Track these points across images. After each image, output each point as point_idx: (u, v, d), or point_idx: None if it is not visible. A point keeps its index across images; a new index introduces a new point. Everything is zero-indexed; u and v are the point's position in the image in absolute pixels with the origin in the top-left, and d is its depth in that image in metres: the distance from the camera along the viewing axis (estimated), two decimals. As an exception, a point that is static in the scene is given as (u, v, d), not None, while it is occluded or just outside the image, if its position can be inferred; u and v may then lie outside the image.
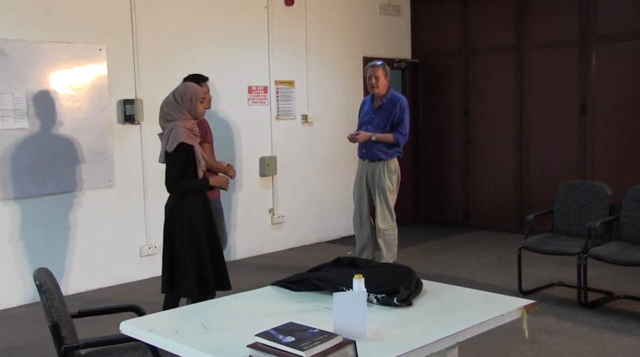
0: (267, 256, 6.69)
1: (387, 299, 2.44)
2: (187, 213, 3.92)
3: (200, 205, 3.99)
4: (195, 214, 3.93)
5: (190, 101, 3.92)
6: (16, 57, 5.00)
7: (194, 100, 3.93)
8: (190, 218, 3.92)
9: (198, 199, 3.98)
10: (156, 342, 2.21)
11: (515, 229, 7.34)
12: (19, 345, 4.26)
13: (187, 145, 3.83)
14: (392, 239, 5.49)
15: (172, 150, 3.83)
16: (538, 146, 7.33)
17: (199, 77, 4.86)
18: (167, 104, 3.96)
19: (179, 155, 3.82)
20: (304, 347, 1.80)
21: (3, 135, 4.96)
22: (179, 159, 3.83)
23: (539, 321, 4.37)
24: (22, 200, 5.09)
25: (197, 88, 4.02)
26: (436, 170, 8.30)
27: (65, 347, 2.49)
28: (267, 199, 6.80)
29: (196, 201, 3.96)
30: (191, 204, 3.94)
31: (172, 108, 3.93)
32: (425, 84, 8.33)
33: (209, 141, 4.78)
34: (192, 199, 3.95)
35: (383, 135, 5.38)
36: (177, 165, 3.85)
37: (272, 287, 2.76)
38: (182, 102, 3.91)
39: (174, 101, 3.94)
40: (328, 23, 7.29)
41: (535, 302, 2.47)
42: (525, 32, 7.33)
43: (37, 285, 2.52)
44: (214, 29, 6.26)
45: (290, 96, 6.95)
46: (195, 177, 3.92)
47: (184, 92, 3.94)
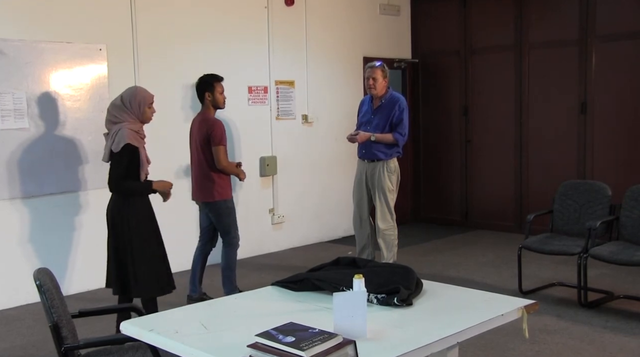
0: (267, 255, 6.69)
1: (387, 299, 2.44)
2: (134, 215, 3.95)
3: (147, 207, 4.05)
4: (142, 216, 3.98)
5: (139, 106, 3.96)
6: (16, 56, 5.00)
7: (142, 105, 3.96)
8: (138, 220, 3.96)
9: (144, 201, 4.02)
10: (156, 342, 2.21)
11: (514, 228, 7.34)
12: (20, 345, 4.26)
13: (132, 147, 3.86)
14: (392, 239, 5.50)
15: (117, 151, 3.86)
16: (537, 146, 7.33)
17: (215, 77, 4.90)
18: (114, 106, 4.00)
19: (124, 155, 3.86)
20: (304, 347, 1.80)
21: (3, 135, 4.96)
22: (123, 159, 3.87)
23: (539, 321, 4.37)
24: (22, 200, 5.09)
25: (146, 93, 4.03)
26: (436, 170, 8.30)
27: (65, 347, 2.49)
28: (267, 199, 6.81)
29: (143, 203, 4.01)
30: (138, 206, 3.99)
31: (119, 111, 3.97)
32: (425, 83, 8.33)
33: (224, 143, 4.78)
34: (137, 201, 3.99)
35: (382, 135, 5.38)
36: (121, 165, 3.88)
37: (272, 287, 2.76)
38: (130, 106, 3.95)
39: (122, 104, 3.97)
40: (328, 23, 7.29)
41: (535, 302, 2.47)
42: (524, 32, 7.33)
43: (37, 285, 2.52)
44: (214, 29, 6.26)
45: (290, 96, 6.96)
46: (137, 180, 3.95)
47: (132, 96, 3.98)
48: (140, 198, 4.01)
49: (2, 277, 5.01)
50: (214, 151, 4.74)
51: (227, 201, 4.88)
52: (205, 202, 4.88)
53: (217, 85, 4.87)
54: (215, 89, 4.85)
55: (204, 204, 4.92)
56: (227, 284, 4.96)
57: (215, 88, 4.85)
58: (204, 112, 4.90)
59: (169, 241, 6.09)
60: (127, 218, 3.94)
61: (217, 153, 4.74)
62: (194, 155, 4.94)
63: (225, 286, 4.96)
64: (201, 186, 4.88)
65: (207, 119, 4.83)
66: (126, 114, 3.93)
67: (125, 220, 3.95)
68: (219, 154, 4.74)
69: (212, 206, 4.86)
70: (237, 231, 4.99)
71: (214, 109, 4.90)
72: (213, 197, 4.82)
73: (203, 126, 4.80)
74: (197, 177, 4.90)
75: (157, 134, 5.85)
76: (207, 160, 4.79)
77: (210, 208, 4.89)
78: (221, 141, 4.74)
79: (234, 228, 4.94)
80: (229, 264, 4.95)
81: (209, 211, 4.92)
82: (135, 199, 3.98)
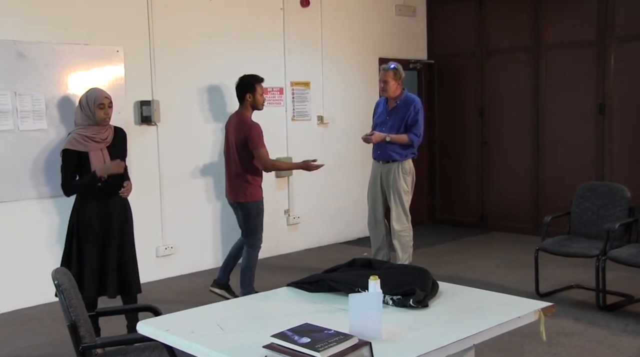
0: (282, 256, 6.70)
1: (402, 300, 2.43)
2: (73, 213, 4.04)
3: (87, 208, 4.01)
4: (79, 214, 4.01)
5: (88, 106, 4.00)
6: (35, 59, 5.06)
7: (92, 105, 3.99)
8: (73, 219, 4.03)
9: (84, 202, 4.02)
10: (172, 342, 2.22)
11: (531, 230, 7.28)
12: (39, 344, 4.31)
13: (70, 152, 3.94)
14: (407, 241, 5.48)
15: (61, 156, 4.00)
16: (555, 147, 7.27)
17: (256, 79, 4.95)
18: (76, 110, 4.11)
19: (62, 160, 3.98)
20: (320, 348, 1.80)
21: (22, 136, 5.02)
22: (62, 164, 3.99)
23: (556, 324, 4.33)
24: (40, 200, 5.15)
25: (97, 93, 4.06)
26: (452, 172, 8.26)
27: (83, 346, 2.51)
28: (282, 200, 6.82)
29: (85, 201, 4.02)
30: (77, 204, 4.05)
31: (76, 112, 4.09)
32: (440, 84, 8.30)
33: (263, 145, 4.81)
34: (80, 200, 4.04)
35: (397, 136, 5.37)
36: (61, 170, 4.01)
37: (287, 288, 2.77)
38: (82, 106, 4.03)
39: (79, 106, 4.07)
40: (344, 24, 7.29)
41: (552, 305, 2.45)
42: (541, 33, 7.28)
43: (56, 285, 2.54)
44: (230, 31, 6.28)
45: (305, 97, 6.96)
46: None
47: (84, 97, 4.06)
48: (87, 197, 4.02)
49: (22, 276, 5.06)
50: (256, 155, 4.79)
51: (257, 203, 4.93)
52: (237, 202, 4.94)
53: (258, 87, 4.93)
54: (256, 90, 4.91)
55: (237, 204, 4.97)
56: (245, 284, 4.98)
57: (256, 89, 4.91)
58: (241, 112, 4.95)
59: (206, 238, 6.19)
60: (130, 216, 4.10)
61: (259, 157, 4.78)
62: (228, 154, 4.98)
63: (243, 287, 4.98)
64: (234, 186, 4.93)
65: (245, 121, 4.87)
66: (82, 117, 4.02)
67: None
68: (262, 157, 4.77)
69: (243, 205, 4.92)
70: (262, 234, 5.02)
71: (252, 109, 4.95)
72: (245, 198, 4.88)
73: (240, 128, 4.84)
74: (231, 176, 4.96)
75: (173, 135, 5.90)
76: (242, 161, 4.84)
77: (241, 208, 4.95)
78: (259, 144, 4.77)
79: (260, 230, 4.98)
80: (249, 265, 4.97)
81: (239, 210, 4.98)
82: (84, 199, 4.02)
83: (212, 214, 6.26)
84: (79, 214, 4.01)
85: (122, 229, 4.10)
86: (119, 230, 4.08)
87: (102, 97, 4.02)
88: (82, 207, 4.02)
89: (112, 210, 4.05)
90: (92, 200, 4.01)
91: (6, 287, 5.00)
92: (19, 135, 5.00)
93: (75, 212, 4.04)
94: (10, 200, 5.00)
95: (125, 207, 4.17)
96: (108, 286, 4.00)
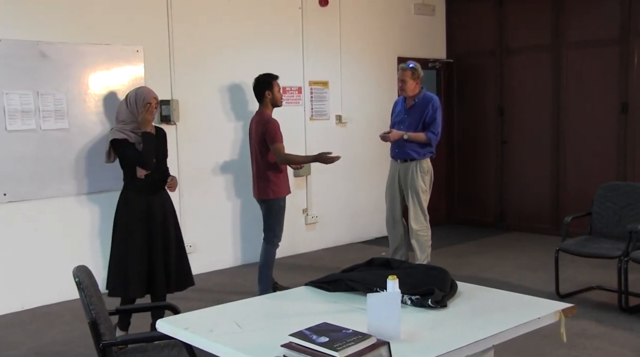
0: (300, 256, 6.71)
1: (421, 300, 2.42)
2: (116, 211, 4.09)
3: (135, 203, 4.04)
4: (122, 213, 4.05)
5: (136, 104, 4.04)
6: (57, 59, 5.12)
7: (140, 103, 4.03)
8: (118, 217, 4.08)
9: (131, 197, 4.05)
10: (191, 340, 2.23)
11: (551, 231, 7.21)
12: (60, 340, 4.36)
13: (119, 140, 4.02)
14: (425, 240, 5.45)
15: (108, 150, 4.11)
16: (576, 147, 7.19)
17: (272, 76, 5.07)
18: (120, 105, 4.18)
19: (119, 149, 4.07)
20: (338, 348, 1.80)
21: (44, 135, 5.08)
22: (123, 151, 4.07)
23: (577, 325, 4.29)
24: (59, 198, 5.21)
25: (147, 92, 4.11)
26: (470, 171, 8.21)
27: (103, 343, 2.53)
28: (300, 200, 6.82)
29: (128, 198, 4.06)
30: (121, 202, 4.08)
31: (121, 109, 4.14)
32: (460, 84, 8.25)
33: (280, 140, 4.90)
34: (124, 197, 4.09)
35: (415, 134, 5.35)
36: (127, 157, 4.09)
37: (306, 287, 2.77)
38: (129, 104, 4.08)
39: (125, 103, 4.11)
40: (362, 23, 7.28)
41: (573, 306, 2.42)
42: (562, 31, 7.20)
43: (77, 282, 2.57)
44: (249, 30, 6.30)
45: (324, 97, 6.96)
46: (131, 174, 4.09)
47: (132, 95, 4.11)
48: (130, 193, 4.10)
49: (43, 273, 5.12)
50: (272, 150, 4.89)
51: (279, 200, 5.02)
52: (260, 199, 5.04)
53: (275, 84, 5.06)
54: (273, 87, 5.03)
55: (260, 201, 5.09)
56: (262, 281, 5.02)
57: (273, 86, 5.03)
58: (262, 111, 5.06)
59: (225, 237, 6.22)
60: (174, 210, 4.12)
61: (275, 151, 4.87)
62: (253, 154, 5.11)
63: (260, 283, 5.02)
64: (258, 184, 5.05)
65: (263, 118, 4.98)
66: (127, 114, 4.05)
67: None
68: (277, 150, 4.86)
69: (266, 202, 5.02)
70: (281, 232, 5.09)
71: (272, 106, 5.06)
72: (268, 195, 4.98)
73: (259, 125, 4.96)
74: (255, 175, 5.07)
75: (192, 134, 5.93)
76: (263, 158, 4.95)
77: (264, 205, 5.05)
78: (275, 139, 4.86)
79: (279, 228, 5.06)
80: (267, 262, 5.02)
81: (263, 206, 5.07)
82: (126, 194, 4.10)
83: (231, 213, 6.28)
84: (124, 211, 4.05)
85: (166, 225, 4.13)
86: (164, 227, 4.10)
87: (150, 97, 4.07)
88: (127, 204, 4.06)
89: (155, 207, 4.09)
90: (134, 200, 4.05)
91: (28, 284, 5.07)
92: (41, 134, 5.06)
93: (120, 210, 4.08)
94: (33, 198, 5.07)
95: (169, 203, 4.21)
96: (157, 284, 4.03)
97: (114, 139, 4.05)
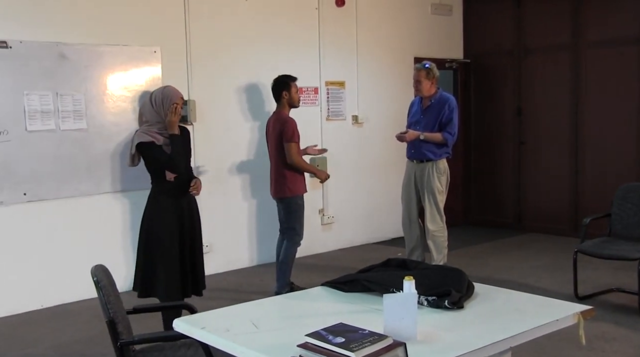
0: (316, 256, 6.71)
1: (437, 301, 2.41)
2: (147, 214, 4.03)
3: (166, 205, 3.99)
4: (155, 215, 3.99)
5: (162, 104, 3.96)
6: (76, 60, 5.17)
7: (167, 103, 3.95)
8: (147, 220, 4.02)
9: (162, 199, 4.00)
10: (208, 340, 2.24)
11: (569, 232, 7.14)
12: (79, 339, 4.40)
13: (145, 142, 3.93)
14: (441, 241, 5.43)
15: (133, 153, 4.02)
16: (595, 147, 7.12)
17: (290, 77, 5.14)
18: (143, 105, 4.10)
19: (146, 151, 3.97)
20: (354, 348, 1.80)
21: (63, 135, 5.13)
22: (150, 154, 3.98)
23: (596, 328, 4.24)
24: (78, 198, 5.26)
25: (173, 92, 4.04)
26: (488, 172, 8.16)
27: (121, 342, 2.55)
28: (317, 200, 6.82)
29: (159, 201, 4.00)
30: (152, 204, 4.02)
31: (144, 110, 4.06)
32: (477, 84, 8.20)
33: (295, 140, 4.97)
34: (154, 200, 4.02)
35: (431, 134, 5.33)
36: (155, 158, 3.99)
37: (322, 287, 2.77)
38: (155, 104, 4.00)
39: (149, 103, 4.03)
40: (379, 23, 7.26)
41: (592, 308, 2.40)
42: (581, 30, 7.13)
43: (95, 281, 2.59)
44: (266, 31, 6.32)
45: (340, 97, 6.96)
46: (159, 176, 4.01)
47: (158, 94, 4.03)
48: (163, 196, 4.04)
49: (62, 272, 5.17)
50: (285, 147, 4.95)
51: (297, 198, 5.07)
52: (279, 197, 5.09)
53: (293, 85, 5.13)
54: (291, 88, 5.10)
55: (278, 200, 5.14)
56: (280, 278, 5.06)
57: (291, 87, 5.10)
58: (279, 111, 5.13)
59: (241, 236, 6.25)
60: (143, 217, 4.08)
61: (288, 149, 4.94)
62: (270, 153, 5.17)
63: (279, 280, 5.07)
64: (276, 182, 5.09)
65: (281, 117, 5.06)
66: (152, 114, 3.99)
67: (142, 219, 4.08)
68: (290, 150, 4.94)
69: (284, 201, 5.08)
70: (302, 230, 5.14)
71: (289, 107, 5.13)
72: (285, 193, 5.03)
73: (277, 124, 5.03)
74: (273, 174, 5.12)
75: (209, 134, 5.96)
76: (281, 157, 5.00)
77: (283, 203, 5.10)
78: (292, 138, 4.94)
79: (299, 225, 5.10)
80: (287, 259, 5.07)
81: (280, 205, 5.13)
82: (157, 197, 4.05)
83: (247, 213, 6.30)
84: (155, 214, 4.00)
85: (193, 228, 4.12)
86: (191, 229, 4.09)
87: (177, 97, 4.00)
88: (156, 209, 4.00)
89: (184, 209, 4.06)
90: (164, 201, 4.00)
91: (48, 282, 5.12)
92: (60, 134, 5.11)
93: (151, 212, 4.03)
94: (52, 198, 5.12)
95: (195, 205, 4.18)
96: (187, 286, 4.03)
97: (140, 143, 3.95)
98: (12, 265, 4.96)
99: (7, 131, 4.85)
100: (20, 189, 4.95)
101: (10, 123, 4.87)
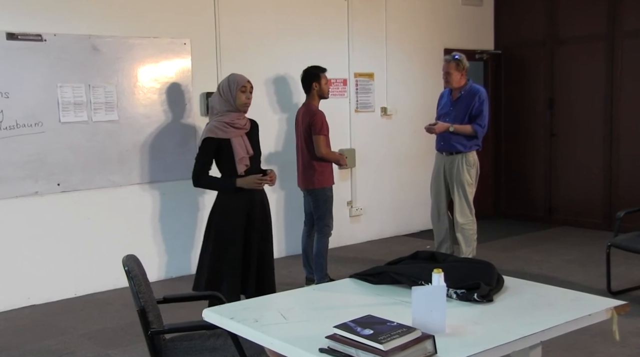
0: (345, 248, 6.71)
1: (466, 294, 2.39)
2: (216, 210, 3.98)
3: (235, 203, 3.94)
4: (223, 212, 3.94)
5: (230, 90, 3.93)
6: (107, 52, 5.23)
7: (234, 88, 3.92)
8: (216, 216, 3.97)
9: (233, 197, 3.95)
10: (236, 330, 2.26)
11: (602, 226, 7.02)
12: (110, 327, 4.48)
13: (210, 140, 3.89)
14: (470, 234, 5.38)
15: (199, 145, 3.96)
16: (629, 140, 6.97)
17: (320, 69, 5.14)
18: (213, 97, 4.06)
19: (200, 149, 3.94)
20: (382, 340, 1.79)
21: (95, 127, 5.21)
22: (199, 153, 3.95)
23: (631, 324, 4.16)
24: (109, 189, 5.34)
25: (239, 77, 4.00)
26: (518, 164, 8.05)
27: (151, 331, 2.59)
28: (345, 192, 6.82)
29: (231, 198, 3.96)
30: (224, 201, 3.98)
31: (214, 100, 4.02)
32: (508, 75, 8.08)
33: (324, 133, 4.98)
34: (227, 197, 3.98)
35: (461, 126, 5.28)
36: (197, 159, 3.97)
37: (350, 279, 2.76)
38: (223, 91, 3.97)
39: (218, 93, 4.02)
40: (408, 14, 7.20)
41: (626, 304, 2.35)
42: (617, 19, 6.97)
43: (126, 271, 2.62)
44: (295, 22, 6.31)
45: (369, 89, 6.93)
46: (229, 174, 3.94)
47: (225, 82, 4.00)
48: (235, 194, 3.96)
49: (95, 262, 5.27)
50: (314, 140, 4.96)
51: (326, 189, 5.09)
52: (307, 189, 5.12)
53: (323, 76, 5.13)
54: (321, 79, 5.10)
55: (306, 191, 5.16)
56: (317, 271, 5.10)
57: (321, 78, 5.10)
58: (309, 102, 5.14)
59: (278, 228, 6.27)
60: (212, 212, 4.03)
61: (317, 141, 4.95)
62: (298, 144, 5.18)
63: (316, 273, 5.11)
64: (304, 174, 5.11)
65: (310, 109, 5.06)
66: (221, 103, 3.96)
67: (210, 214, 4.04)
68: (319, 142, 4.95)
69: (312, 192, 5.09)
70: (332, 220, 5.16)
71: (319, 98, 5.14)
72: (313, 185, 5.05)
73: (306, 116, 5.04)
74: (301, 165, 5.14)
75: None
76: (309, 149, 5.02)
77: (311, 195, 5.12)
78: (321, 130, 4.96)
79: (329, 216, 5.12)
80: (320, 251, 5.09)
81: (309, 197, 5.14)
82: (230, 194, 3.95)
83: (275, 205, 6.32)
84: (223, 214, 3.96)
85: (264, 225, 4.07)
86: (261, 227, 4.05)
87: (244, 81, 3.98)
88: (226, 206, 3.96)
89: (255, 206, 4.01)
90: (235, 198, 3.95)
91: (81, 271, 5.22)
92: (92, 126, 5.19)
93: (219, 210, 3.98)
94: (84, 188, 5.21)
95: (265, 201, 4.12)
96: (249, 286, 3.98)
97: (206, 138, 3.92)
98: (47, 254, 5.07)
99: (41, 123, 4.95)
100: (54, 179, 5.04)
101: (44, 115, 4.96)
